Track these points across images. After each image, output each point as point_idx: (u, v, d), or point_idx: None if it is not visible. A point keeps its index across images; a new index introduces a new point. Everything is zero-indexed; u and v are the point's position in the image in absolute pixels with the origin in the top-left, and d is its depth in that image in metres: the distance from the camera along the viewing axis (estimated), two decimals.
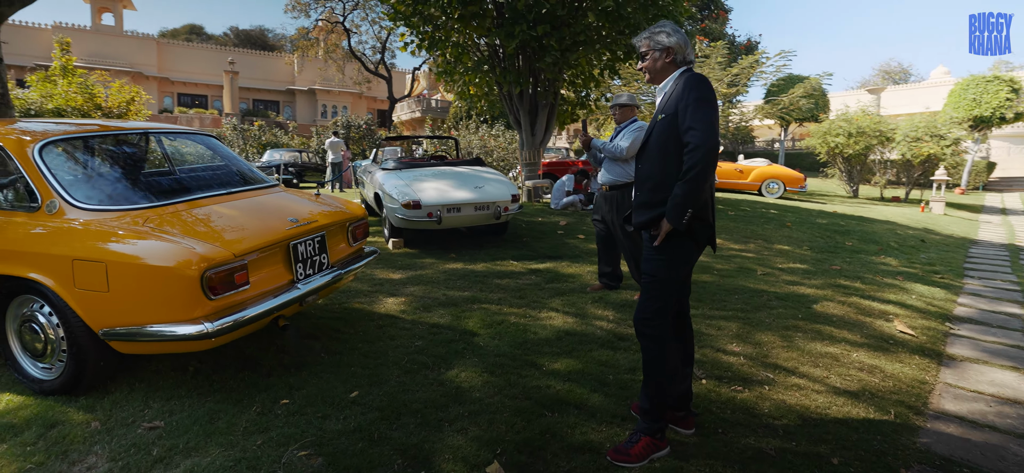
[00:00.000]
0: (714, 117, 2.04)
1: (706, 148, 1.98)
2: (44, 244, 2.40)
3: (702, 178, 2.00)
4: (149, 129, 3.18)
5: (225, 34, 54.62)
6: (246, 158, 27.17)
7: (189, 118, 32.57)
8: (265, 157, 20.95)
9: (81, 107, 13.05)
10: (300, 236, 2.80)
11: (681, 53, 2.19)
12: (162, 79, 36.82)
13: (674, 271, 2.16)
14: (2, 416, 2.41)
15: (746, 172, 13.65)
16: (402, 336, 3.41)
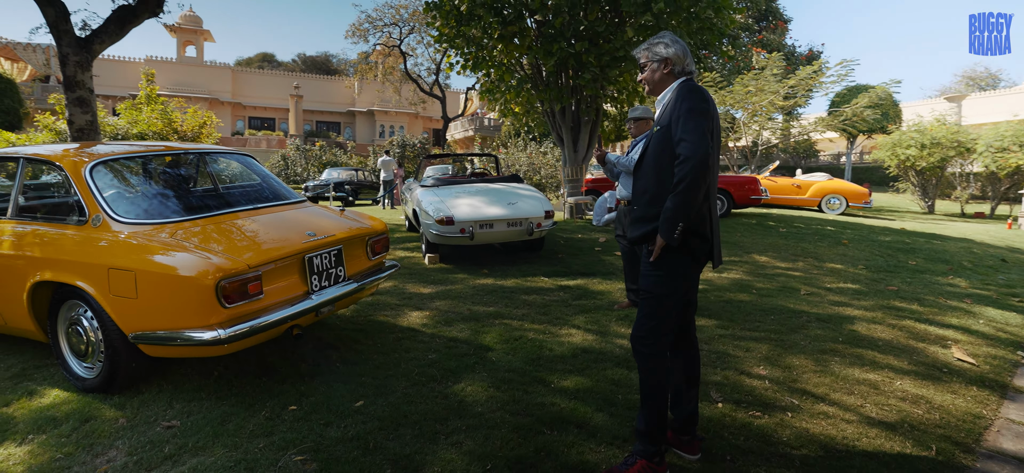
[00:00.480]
0: (705, 127, 1.96)
1: (695, 160, 1.91)
2: (88, 254, 2.64)
3: (692, 191, 1.93)
4: (189, 150, 3.44)
5: (293, 61, 58.15)
6: (307, 176, 28.67)
7: (257, 140, 34.75)
8: (324, 175, 21.95)
9: (160, 131, 14.25)
10: (316, 249, 2.93)
11: (680, 63, 2.14)
12: (235, 104, 39.60)
13: (670, 287, 2.09)
14: (48, 409, 2.65)
15: (804, 187, 12.98)
16: (418, 349, 3.47)
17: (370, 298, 4.81)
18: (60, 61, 8.46)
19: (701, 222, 2.07)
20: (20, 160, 3.12)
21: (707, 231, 2.10)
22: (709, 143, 1.96)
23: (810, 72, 14.51)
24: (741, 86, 15.18)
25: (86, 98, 8.63)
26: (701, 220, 2.06)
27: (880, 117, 17.66)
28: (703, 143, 1.93)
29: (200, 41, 37.92)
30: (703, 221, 2.07)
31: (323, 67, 53.21)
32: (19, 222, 2.99)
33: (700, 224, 2.07)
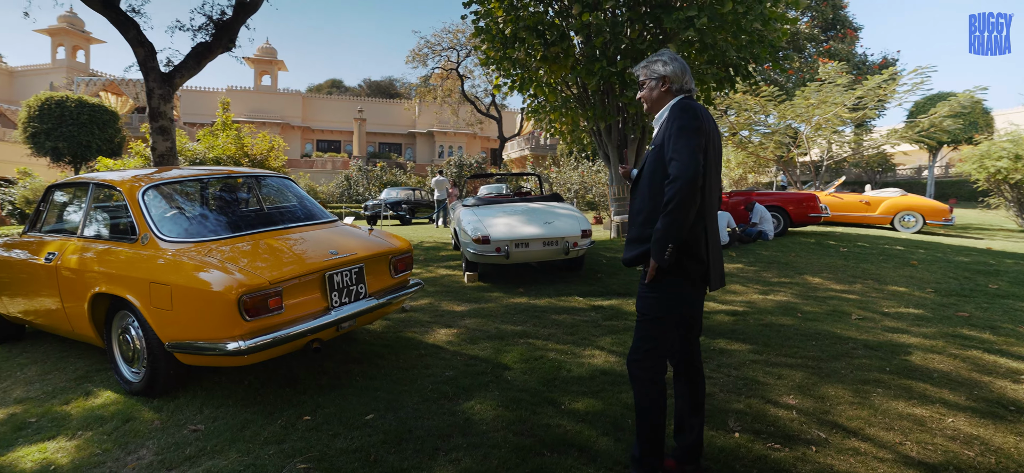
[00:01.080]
0: (696, 146, 1.92)
1: (684, 180, 1.88)
2: (135, 269, 2.92)
3: (681, 211, 1.90)
4: (233, 173, 3.74)
5: (359, 86, 61.15)
6: (368, 195, 29.90)
7: (323, 162, 36.71)
8: (383, 194, 22.80)
9: (233, 154, 15.39)
10: (336, 267, 3.08)
11: (678, 81, 2.11)
12: (305, 128, 42.09)
13: (665, 310, 2.05)
14: (99, 408, 2.94)
15: (873, 204, 12.11)
16: (438, 365, 3.55)
17: (403, 314, 4.97)
18: (147, 94, 9.38)
19: (695, 243, 2.02)
20: (90, 186, 3.50)
21: (702, 252, 2.04)
22: (699, 162, 1.92)
23: (879, 81, 13.60)
24: (802, 98, 14.45)
25: (167, 127, 9.50)
26: (695, 241, 2.02)
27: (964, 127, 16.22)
28: (692, 163, 1.89)
29: (274, 71, 40.77)
30: (698, 242, 2.03)
31: (387, 91, 55.62)
32: (87, 241, 3.35)
33: (694, 245, 2.02)
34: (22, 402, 3.13)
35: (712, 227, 2.09)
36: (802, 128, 15.25)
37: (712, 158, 2.05)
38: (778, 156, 16.25)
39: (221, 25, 9.70)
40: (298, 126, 41.34)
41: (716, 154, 2.10)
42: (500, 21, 9.12)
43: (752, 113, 15.66)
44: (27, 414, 2.95)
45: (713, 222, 2.11)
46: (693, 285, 2.07)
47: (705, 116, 2.02)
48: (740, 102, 15.52)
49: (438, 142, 46.24)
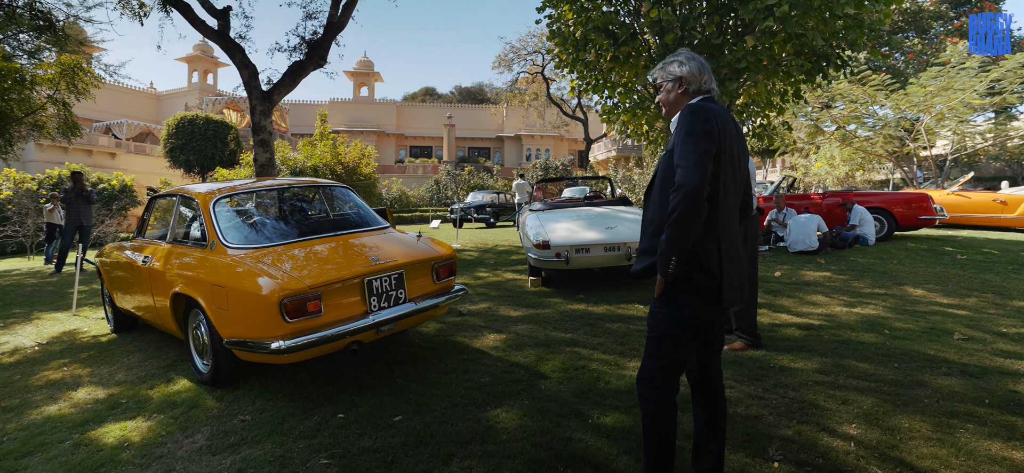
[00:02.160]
0: (704, 152, 1.81)
1: (688, 188, 1.78)
2: (203, 272, 3.28)
3: (684, 222, 1.79)
4: (292, 184, 4.06)
5: (450, 93, 63.50)
6: (455, 199, 30.92)
7: (414, 167, 38.53)
8: (469, 198, 23.44)
9: (329, 163, 16.63)
10: (376, 273, 3.24)
11: (695, 82, 2.00)
12: (399, 135, 44.46)
13: (675, 328, 1.95)
14: (174, 394, 3.33)
15: (1011, 204, 10.45)
16: (477, 371, 3.60)
17: (458, 318, 5.10)
18: (249, 111, 10.42)
19: (705, 256, 1.89)
20: (178, 197, 3.98)
21: (713, 266, 1.90)
22: (706, 169, 1.80)
23: (1020, 62, 11.67)
24: (918, 86, 12.79)
25: (267, 140, 10.49)
26: (705, 254, 1.89)
27: None
28: (698, 170, 1.79)
29: (371, 82, 43.53)
30: (708, 255, 1.90)
31: (477, 96, 57.23)
32: (172, 246, 3.81)
33: (704, 258, 1.89)
34: (120, 384, 3.62)
35: (727, 238, 1.94)
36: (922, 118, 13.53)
37: (727, 165, 1.92)
38: (890, 151, 14.56)
39: (313, 44, 10.54)
40: (392, 133, 43.76)
41: (734, 160, 1.96)
42: (571, 23, 9.08)
43: (859, 105, 14.18)
44: (121, 395, 3.41)
45: (729, 233, 1.96)
46: (704, 301, 1.94)
47: (719, 119, 1.90)
48: (845, 93, 14.13)
49: (525, 145, 46.72)
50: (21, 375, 4.06)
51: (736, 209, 2.04)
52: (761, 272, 6.95)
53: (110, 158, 31.62)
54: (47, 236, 12.36)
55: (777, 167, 31.54)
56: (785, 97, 8.42)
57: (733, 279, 1.96)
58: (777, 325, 4.53)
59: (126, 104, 38.06)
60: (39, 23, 8.39)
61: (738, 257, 2.01)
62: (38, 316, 6.19)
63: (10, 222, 18.10)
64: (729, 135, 1.93)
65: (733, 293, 1.97)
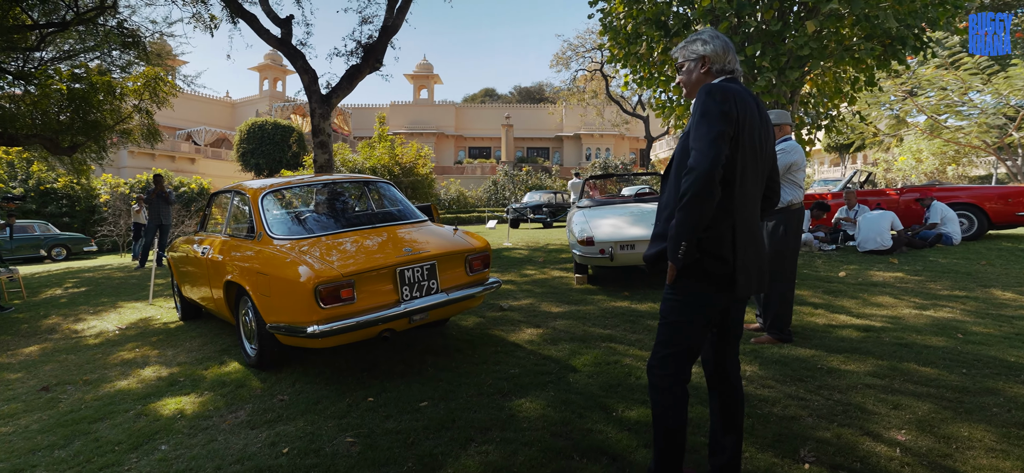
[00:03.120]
0: (719, 134, 1.76)
1: (699, 171, 1.74)
2: (250, 261, 3.56)
3: (695, 205, 1.75)
4: (335, 179, 4.31)
5: (510, 93, 64.07)
6: (513, 199, 31.19)
7: (472, 168, 39.22)
8: (526, 198, 23.58)
9: (386, 164, 17.28)
10: (408, 263, 3.40)
11: (719, 61, 1.95)
12: (458, 136, 45.40)
13: (687, 315, 1.93)
14: (225, 375, 3.64)
15: None
16: (507, 363, 3.68)
17: (499, 313, 5.20)
18: (310, 114, 11.04)
19: (717, 241, 1.86)
20: (233, 193, 4.33)
21: (726, 252, 1.87)
22: (720, 152, 1.75)
23: None
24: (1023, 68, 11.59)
25: (326, 142, 11.08)
26: (718, 240, 1.86)
27: None
28: (711, 151, 1.74)
29: (431, 84, 44.74)
30: (721, 241, 1.86)
31: (536, 96, 57.45)
32: (226, 238, 4.15)
33: (716, 244, 1.86)
34: (181, 365, 3.99)
35: (743, 225, 1.89)
36: None
37: (747, 148, 1.86)
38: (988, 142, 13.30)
39: (368, 48, 11.04)
40: (451, 135, 44.76)
41: (755, 144, 1.90)
42: (622, 16, 9.00)
43: (951, 91, 13.07)
44: (180, 374, 3.77)
45: (745, 219, 1.90)
46: (717, 288, 1.90)
47: (739, 100, 1.84)
48: (933, 79, 13.07)
49: (585, 145, 46.41)
50: (102, 354, 4.55)
51: (756, 196, 1.98)
52: (824, 272, 6.60)
53: (190, 163, 34.39)
54: (134, 235, 13.64)
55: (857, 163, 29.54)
56: (856, 85, 7.94)
57: (748, 266, 1.91)
58: (833, 326, 4.31)
59: (205, 112, 41.28)
60: (128, 40, 9.33)
61: (755, 244, 1.96)
62: (121, 305, 6.88)
63: (106, 223, 20.13)
64: (750, 117, 1.87)
65: (747, 281, 1.92)
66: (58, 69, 9.61)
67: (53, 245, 17.29)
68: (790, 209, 3.79)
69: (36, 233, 17.24)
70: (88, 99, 9.72)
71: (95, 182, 21.99)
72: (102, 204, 20.71)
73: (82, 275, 10.68)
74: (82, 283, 9.39)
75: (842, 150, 28.06)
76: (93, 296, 7.75)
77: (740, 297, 1.95)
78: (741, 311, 2.12)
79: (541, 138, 47.75)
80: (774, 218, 3.79)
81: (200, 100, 40.92)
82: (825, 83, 8.27)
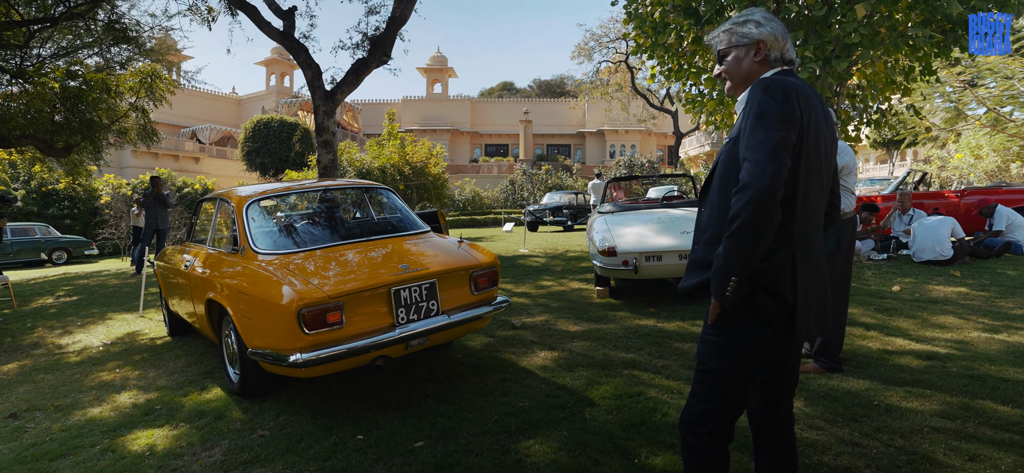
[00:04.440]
0: (780, 141, 1.48)
1: (755, 190, 1.46)
2: (232, 278, 3.40)
3: (749, 233, 1.47)
4: (329, 186, 4.14)
5: (529, 86, 63.94)
6: (532, 200, 30.97)
7: (489, 166, 39.11)
8: (544, 199, 23.32)
9: (396, 163, 17.21)
10: (405, 282, 3.20)
11: (777, 49, 1.67)
12: (473, 133, 45.37)
13: (730, 362, 1.66)
14: (204, 403, 3.49)
15: None
16: (517, 393, 3.46)
17: (509, 332, 4.98)
18: (313, 111, 10.98)
19: (776, 275, 1.58)
20: (218, 201, 4.20)
21: (786, 288, 1.58)
22: (783, 164, 1.47)
23: None
24: None
25: (330, 141, 11.00)
26: (776, 272, 1.58)
27: None
28: (771, 165, 1.46)
29: (445, 78, 44.80)
30: (780, 273, 1.58)
31: (557, 90, 57.17)
32: (210, 250, 4.01)
33: (774, 277, 1.58)
34: (160, 390, 3.85)
35: (806, 254, 1.62)
36: None
37: (812, 159, 1.60)
38: None
39: (375, 40, 10.93)
40: (467, 131, 44.74)
41: (821, 152, 1.64)
42: (649, 3, 8.74)
43: (1018, 81, 12.48)
44: (158, 401, 3.63)
45: (809, 246, 1.63)
46: (772, 331, 1.62)
47: (802, 97, 1.57)
48: (996, 68, 12.50)
49: (609, 141, 46.00)
50: (81, 374, 4.46)
51: (821, 215, 1.73)
52: (876, 285, 6.24)
53: (194, 162, 34.92)
54: (133, 239, 13.78)
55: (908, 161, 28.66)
56: (911, 76, 7.55)
57: (812, 304, 1.64)
58: (889, 352, 4.00)
59: (210, 109, 41.93)
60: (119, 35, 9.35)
61: (820, 277, 1.69)
62: (111, 316, 6.84)
63: (107, 225, 20.46)
64: (815, 120, 1.59)
65: (810, 322, 1.66)
66: (55, 67, 9.69)
67: (54, 248, 17.60)
68: (841, 219, 3.51)
69: (36, 236, 17.58)
70: (83, 97, 9.78)
71: (97, 183, 22.40)
72: (103, 206, 21.07)
73: (77, 282, 10.77)
74: (75, 291, 9.44)
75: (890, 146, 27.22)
76: (83, 306, 7.75)
77: (801, 340, 1.68)
78: (797, 355, 1.85)
79: (562, 135, 47.44)
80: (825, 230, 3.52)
81: (205, 97, 41.58)
82: (875, 74, 7.89)
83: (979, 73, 13.05)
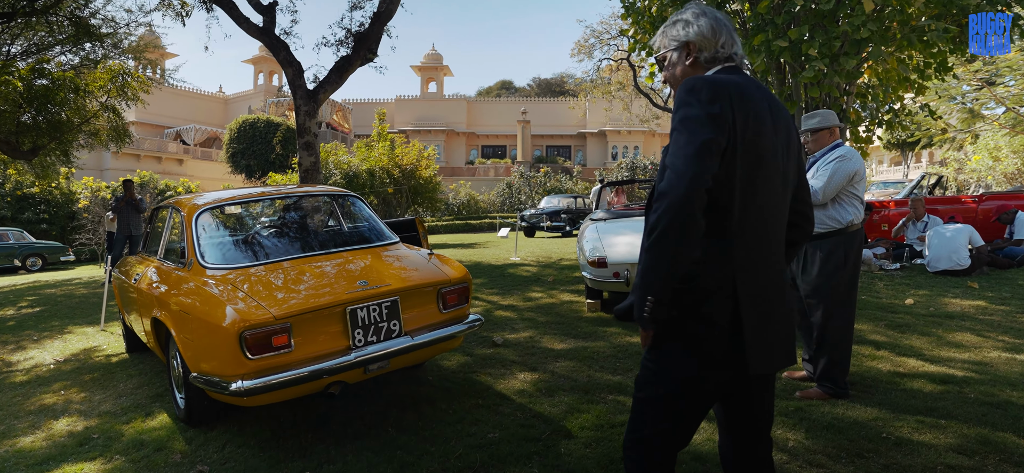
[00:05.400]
0: (701, 147, 1.36)
1: (671, 199, 1.34)
2: (176, 295, 3.21)
3: (664, 247, 1.35)
4: (290, 193, 3.96)
5: (528, 85, 63.91)
6: (530, 204, 30.79)
7: (485, 168, 38.97)
8: (542, 203, 23.12)
9: (386, 165, 17.06)
10: (363, 300, 3.01)
11: (709, 48, 1.56)
12: (470, 134, 45.23)
13: (661, 389, 1.53)
14: (146, 432, 3.31)
15: None
16: (488, 422, 3.27)
17: (490, 350, 4.79)
18: (294, 111, 10.82)
19: (709, 296, 1.44)
20: (171, 209, 4.01)
21: (718, 313, 1.44)
22: (704, 170, 1.35)
23: None
24: None
25: (312, 143, 10.83)
26: (708, 293, 1.44)
27: None
28: (689, 171, 1.35)
29: (440, 77, 44.70)
30: (713, 294, 1.44)
31: (557, 89, 57.07)
32: (159, 263, 3.83)
33: (707, 299, 1.44)
34: (102, 416, 3.66)
35: (752, 274, 1.47)
36: None
37: (753, 163, 1.46)
38: None
39: (359, 36, 10.76)
40: (462, 132, 44.59)
41: (774, 157, 1.51)
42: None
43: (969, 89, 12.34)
44: (97, 429, 3.44)
45: (756, 266, 1.49)
46: (705, 361, 1.48)
47: (737, 96, 1.44)
48: (1015, 65, 12.34)
49: (611, 142, 45.86)
50: (23, 396, 4.26)
51: (779, 229, 1.57)
52: (887, 298, 6.05)
53: (178, 164, 34.78)
54: (107, 245, 13.61)
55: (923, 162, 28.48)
56: (925, 74, 7.36)
57: (765, 333, 1.48)
58: (900, 375, 3.80)
59: (196, 109, 41.80)
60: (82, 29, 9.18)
61: (776, 299, 1.53)
62: (70, 330, 6.65)
63: (85, 230, 20.31)
64: (757, 121, 1.46)
65: (763, 353, 1.48)
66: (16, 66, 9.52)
67: (28, 254, 17.43)
68: (849, 231, 3.34)
69: (10, 241, 17.40)
70: (50, 96, 9.61)
71: (75, 186, 22.25)
72: (81, 210, 20.91)
73: (44, 291, 10.59)
74: (40, 302, 9.26)
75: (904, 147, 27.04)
76: (44, 318, 7.56)
77: (754, 374, 1.49)
78: (768, 391, 1.65)
79: (562, 136, 47.29)
80: (830, 242, 3.35)
81: (190, 96, 41.45)
82: (887, 71, 7.70)
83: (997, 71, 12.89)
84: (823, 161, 3.35)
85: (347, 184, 15.57)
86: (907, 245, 7.86)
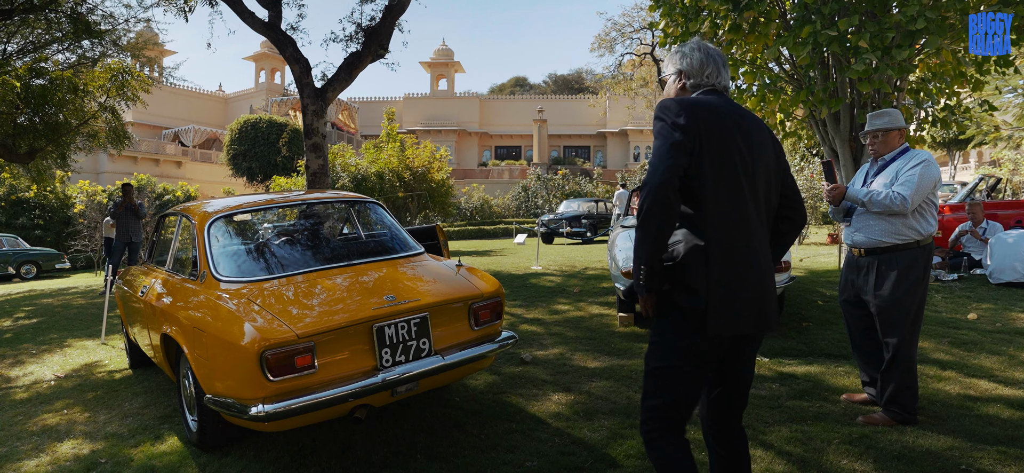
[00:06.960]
0: (672, 148, 1.84)
1: (651, 186, 1.83)
2: (189, 310, 3.19)
3: (650, 222, 1.82)
4: (307, 200, 3.93)
5: (544, 82, 63.93)
6: (546, 208, 30.71)
7: (499, 170, 38.98)
8: (561, 207, 23.03)
9: (395, 168, 17.10)
10: (390, 317, 2.96)
11: (696, 76, 2.04)
12: (482, 134, 45.29)
13: (667, 359, 1.96)
14: (156, 457, 3.28)
15: None
16: (525, 448, 3.21)
17: (518, 369, 4.73)
18: (301, 111, 10.87)
19: (689, 271, 1.86)
20: (180, 216, 4.00)
21: (698, 283, 1.85)
22: (674, 166, 1.83)
23: None
24: None
25: (320, 144, 10.87)
26: (688, 268, 1.86)
27: None
28: (660, 166, 1.84)
29: (451, 74, 44.85)
30: (692, 269, 1.86)
31: (575, 86, 57.01)
32: (168, 275, 3.82)
33: (686, 272, 1.86)
34: (108, 438, 3.65)
35: (723, 245, 1.88)
36: None
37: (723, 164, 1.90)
38: None
39: (370, 31, 10.80)
40: (475, 132, 44.67)
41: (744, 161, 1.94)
42: None
43: None
44: (104, 453, 3.42)
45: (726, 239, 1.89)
46: (694, 327, 1.89)
47: (704, 112, 1.90)
48: None
49: (633, 142, 45.72)
50: (24, 416, 4.27)
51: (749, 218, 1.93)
52: (948, 312, 5.90)
53: (176, 167, 35.19)
54: (106, 252, 13.73)
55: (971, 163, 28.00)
56: (984, 68, 7.21)
57: (731, 298, 1.87)
58: (972, 399, 3.68)
59: (195, 108, 42.30)
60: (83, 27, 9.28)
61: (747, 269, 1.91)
62: (70, 343, 6.69)
63: (81, 236, 20.56)
64: (719, 129, 1.90)
65: (728, 316, 1.87)
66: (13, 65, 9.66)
67: (22, 262, 17.67)
68: (920, 245, 3.25)
69: (4, 248, 17.66)
70: (48, 97, 9.74)
71: (70, 190, 22.56)
72: (77, 215, 21.18)
73: (41, 301, 10.70)
74: (37, 312, 9.35)
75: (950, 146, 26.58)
76: (42, 330, 7.63)
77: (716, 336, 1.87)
78: (748, 352, 2.06)
79: (580, 135, 47.20)
80: (908, 255, 3.27)
81: (189, 95, 41.95)
82: (942, 64, 7.55)
83: None
84: (904, 167, 3.27)
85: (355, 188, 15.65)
86: (965, 253, 7.68)
